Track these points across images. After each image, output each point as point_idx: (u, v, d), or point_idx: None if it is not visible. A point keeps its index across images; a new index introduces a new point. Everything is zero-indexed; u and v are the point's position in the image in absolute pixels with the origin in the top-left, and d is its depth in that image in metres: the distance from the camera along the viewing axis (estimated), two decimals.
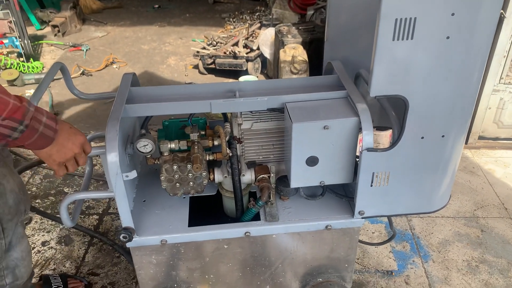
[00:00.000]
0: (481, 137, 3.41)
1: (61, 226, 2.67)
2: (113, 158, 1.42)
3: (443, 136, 1.51)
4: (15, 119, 1.11)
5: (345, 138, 1.54)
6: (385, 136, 1.89)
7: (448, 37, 1.30)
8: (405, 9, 1.24)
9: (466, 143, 3.35)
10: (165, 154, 1.65)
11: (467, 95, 1.45)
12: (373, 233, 2.60)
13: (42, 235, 2.60)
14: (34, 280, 2.16)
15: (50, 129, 1.21)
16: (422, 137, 1.50)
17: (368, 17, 1.66)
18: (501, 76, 3.09)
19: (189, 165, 1.61)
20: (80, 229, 2.57)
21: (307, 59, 3.75)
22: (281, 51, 3.85)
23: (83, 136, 1.35)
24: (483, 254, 2.44)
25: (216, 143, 1.69)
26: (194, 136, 1.66)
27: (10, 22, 4.71)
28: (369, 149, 1.50)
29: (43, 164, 3.12)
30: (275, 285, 1.89)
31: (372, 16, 1.33)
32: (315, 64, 3.78)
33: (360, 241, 2.12)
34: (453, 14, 1.25)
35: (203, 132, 1.75)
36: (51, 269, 2.38)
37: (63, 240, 2.57)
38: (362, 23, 1.80)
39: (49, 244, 2.54)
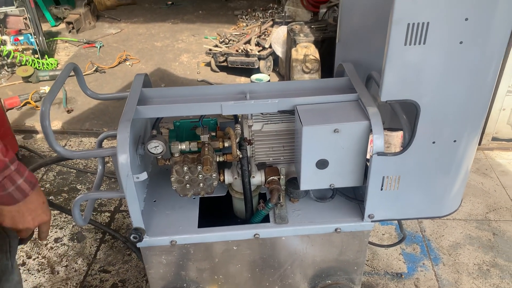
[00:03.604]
0: (494, 139, 3.37)
1: (73, 223, 2.70)
2: (124, 160, 1.43)
3: (454, 141, 1.49)
4: None
5: (355, 142, 1.53)
6: (397, 137, 1.88)
7: (461, 42, 1.28)
8: (418, 14, 1.23)
9: (479, 144, 3.31)
10: (175, 155, 1.66)
11: (479, 100, 1.43)
12: (383, 234, 2.59)
13: (55, 232, 2.64)
14: None
15: (21, 192, 1.12)
16: (433, 142, 1.49)
17: (380, 18, 1.65)
18: None
19: (199, 167, 1.62)
20: (95, 225, 2.61)
21: (319, 58, 3.74)
22: (293, 49, 3.84)
23: (48, 218, 1.25)
24: (495, 258, 2.42)
25: (226, 144, 1.70)
26: (204, 137, 1.67)
27: (26, 18, 4.77)
28: (379, 153, 1.49)
29: (59, 162, 3.17)
30: (284, 286, 1.90)
31: (384, 17, 1.31)
32: (327, 63, 3.75)
33: (370, 243, 2.11)
34: (466, 19, 1.24)
35: (213, 133, 1.76)
36: (64, 266, 2.41)
37: (75, 237, 2.61)
38: (374, 25, 1.79)
39: (61, 241, 2.58)
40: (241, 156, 1.67)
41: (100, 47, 5.44)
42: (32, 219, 1.17)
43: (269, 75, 4.56)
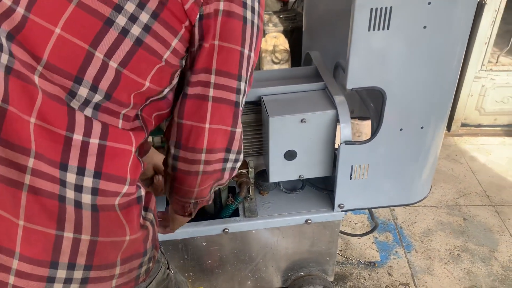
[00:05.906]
0: (463, 124, 3.41)
1: None
2: None
3: (422, 127, 1.48)
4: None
5: (323, 131, 1.50)
6: (367, 125, 1.86)
7: (425, 27, 1.26)
8: None
9: (448, 130, 3.35)
10: None
11: (445, 85, 1.42)
12: (355, 223, 2.59)
13: None
14: None
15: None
16: (401, 129, 1.48)
17: (346, 6, 1.62)
18: (482, 63, 3.08)
19: None
20: None
21: (288, 49, 3.70)
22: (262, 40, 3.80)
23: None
24: (465, 242, 2.45)
25: None
26: None
27: None
28: (347, 142, 1.47)
29: None
30: (257, 280, 1.87)
31: (350, 5, 1.29)
32: (297, 53, 3.72)
33: (343, 232, 2.10)
34: (429, 3, 1.22)
35: None
36: None
37: None
38: (340, 12, 1.76)
39: None
40: None
41: None
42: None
43: None
